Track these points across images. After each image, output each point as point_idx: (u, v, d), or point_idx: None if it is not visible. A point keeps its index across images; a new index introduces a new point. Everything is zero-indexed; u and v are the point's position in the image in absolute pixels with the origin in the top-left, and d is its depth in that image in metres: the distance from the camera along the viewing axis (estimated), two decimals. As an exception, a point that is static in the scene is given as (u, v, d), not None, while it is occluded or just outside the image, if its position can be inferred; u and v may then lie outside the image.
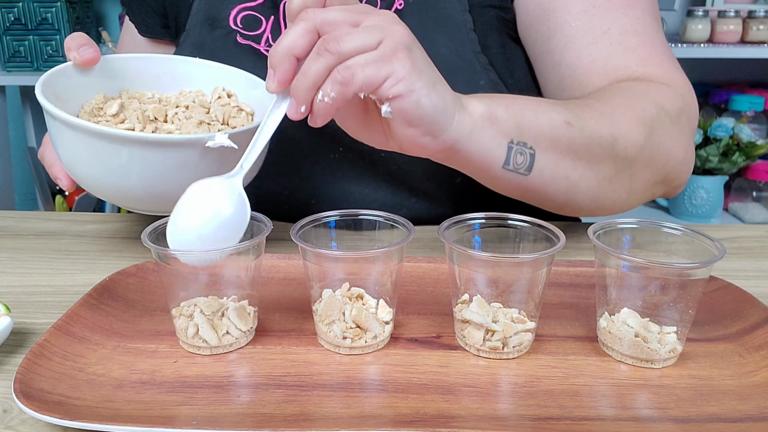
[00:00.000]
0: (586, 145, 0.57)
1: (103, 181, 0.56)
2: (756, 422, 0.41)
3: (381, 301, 0.49)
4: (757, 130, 1.90)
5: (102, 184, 0.56)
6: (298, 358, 0.47)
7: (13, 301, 0.54)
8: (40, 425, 0.40)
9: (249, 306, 0.49)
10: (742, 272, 0.62)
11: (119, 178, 0.54)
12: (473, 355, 0.48)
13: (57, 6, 1.84)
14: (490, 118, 0.52)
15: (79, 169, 0.56)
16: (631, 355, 0.46)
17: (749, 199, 1.91)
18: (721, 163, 1.75)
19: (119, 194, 0.57)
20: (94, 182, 0.57)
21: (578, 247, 0.66)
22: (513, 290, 0.48)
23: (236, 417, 0.40)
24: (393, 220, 0.51)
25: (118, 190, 0.56)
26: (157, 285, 0.56)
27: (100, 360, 0.46)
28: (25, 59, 1.88)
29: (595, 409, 0.42)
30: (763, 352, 0.47)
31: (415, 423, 0.39)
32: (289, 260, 0.60)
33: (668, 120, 0.62)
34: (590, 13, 0.64)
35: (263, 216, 0.50)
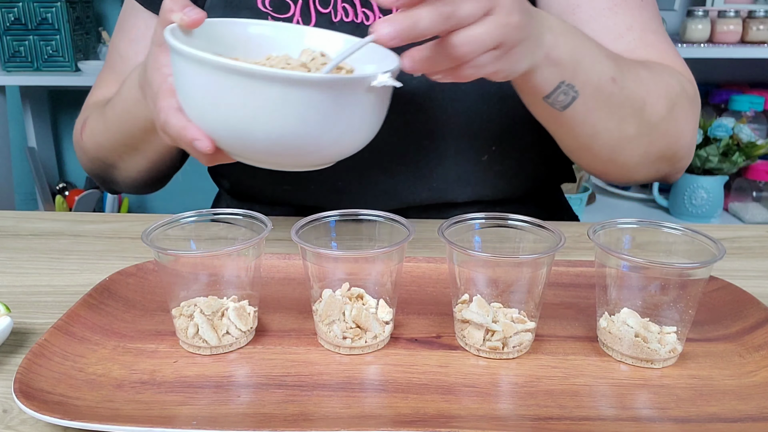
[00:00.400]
0: (620, 103, 0.60)
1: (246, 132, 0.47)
2: (756, 422, 0.41)
3: (381, 301, 0.49)
4: (757, 130, 1.90)
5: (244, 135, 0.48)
6: (298, 358, 0.47)
7: (13, 301, 0.54)
8: (40, 425, 0.40)
9: (249, 306, 0.49)
10: (742, 272, 0.62)
11: (266, 126, 0.47)
12: (473, 355, 0.48)
13: (57, 6, 1.84)
14: (554, 59, 0.54)
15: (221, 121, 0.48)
16: (631, 355, 0.46)
17: (749, 199, 1.91)
18: (721, 163, 1.74)
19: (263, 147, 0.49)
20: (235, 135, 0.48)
21: (578, 247, 0.66)
22: (513, 290, 0.48)
23: (236, 417, 0.40)
24: (393, 220, 0.51)
25: (262, 143, 0.48)
26: (157, 285, 0.56)
27: (100, 360, 0.46)
28: (25, 59, 1.88)
29: (595, 409, 0.42)
30: (763, 352, 0.47)
31: (415, 423, 0.39)
32: (289, 260, 0.60)
33: (687, 100, 0.66)
34: (614, 11, 0.68)
35: (263, 216, 0.50)
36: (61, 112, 2.21)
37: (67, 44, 1.87)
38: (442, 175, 0.73)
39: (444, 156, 0.72)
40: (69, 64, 1.89)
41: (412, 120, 0.70)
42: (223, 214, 0.52)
